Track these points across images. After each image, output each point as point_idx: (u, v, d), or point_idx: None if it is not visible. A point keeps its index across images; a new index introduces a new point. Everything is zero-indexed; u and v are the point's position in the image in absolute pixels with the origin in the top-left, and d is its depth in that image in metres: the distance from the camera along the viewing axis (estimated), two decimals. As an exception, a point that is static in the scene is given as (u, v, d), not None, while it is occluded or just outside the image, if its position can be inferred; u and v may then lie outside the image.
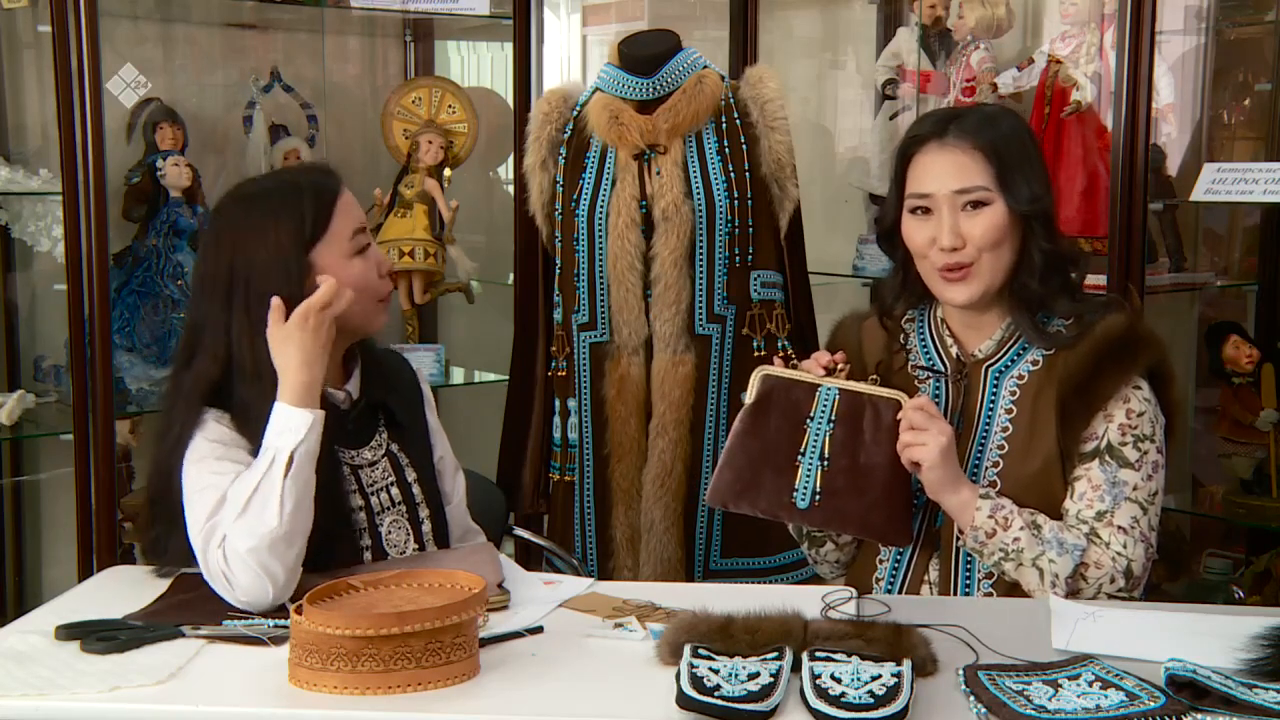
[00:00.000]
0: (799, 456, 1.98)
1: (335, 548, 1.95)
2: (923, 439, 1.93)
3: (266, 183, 2.15)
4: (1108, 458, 1.98)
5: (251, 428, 1.97)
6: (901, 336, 2.15)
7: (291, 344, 1.93)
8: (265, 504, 1.86)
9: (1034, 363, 2.04)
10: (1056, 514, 1.99)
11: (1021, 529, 1.94)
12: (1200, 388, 3.28)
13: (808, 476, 1.98)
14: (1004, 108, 2.74)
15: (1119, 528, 1.95)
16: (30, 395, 3.03)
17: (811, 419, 1.99)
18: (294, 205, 2.02)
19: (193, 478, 1.95)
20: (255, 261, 1.99)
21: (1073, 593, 1.95)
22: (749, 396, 2.01)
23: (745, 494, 2.00)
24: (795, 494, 1.98)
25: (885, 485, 1.97)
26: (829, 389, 1.99)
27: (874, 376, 2.05)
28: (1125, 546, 1.95)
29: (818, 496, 1.97)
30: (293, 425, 1.90)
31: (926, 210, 2.02)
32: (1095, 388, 1.98)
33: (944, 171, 2.00)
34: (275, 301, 1.95)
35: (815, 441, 1.98)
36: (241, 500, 1.87)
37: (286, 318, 1.94)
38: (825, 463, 1.98)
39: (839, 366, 2.01)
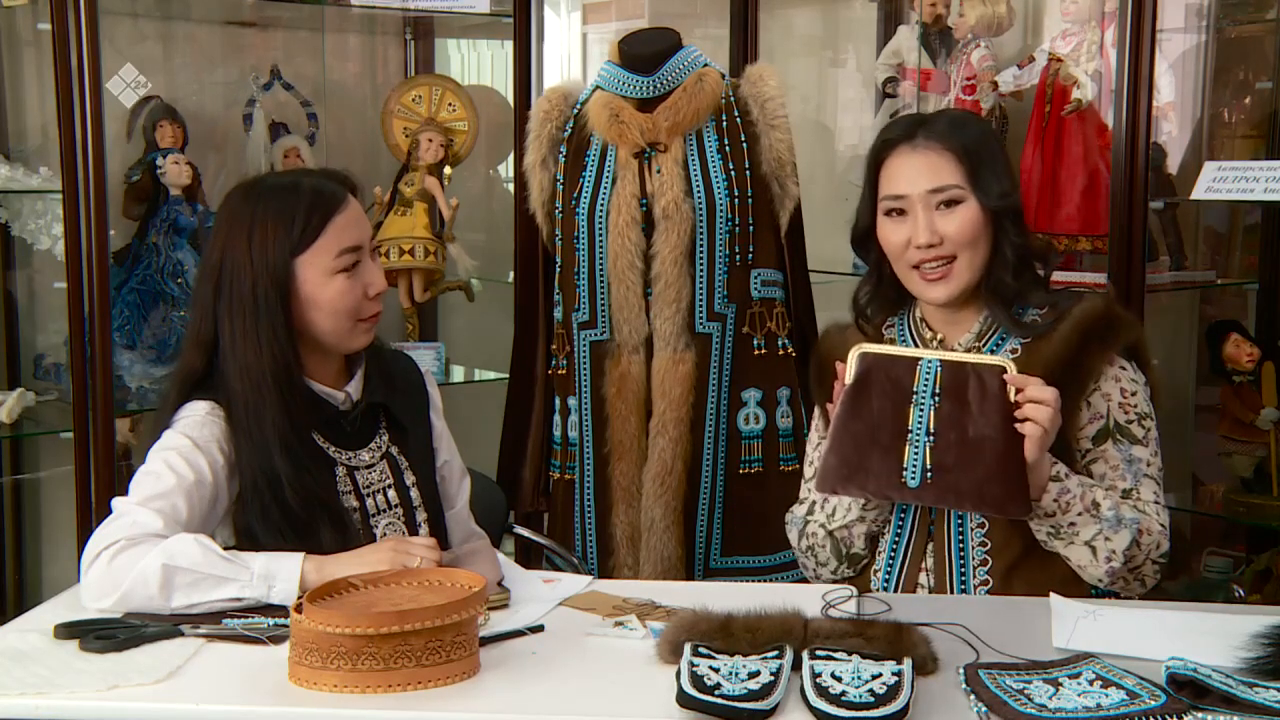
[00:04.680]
0: (906, 434, 1.93)
1: (328, 550, 1.93)
2: (1044, 414, 1.87)
3: (276, 181, 2.14)
4: (1119, 436, 2.02)
5: (238, 419, 1.98)
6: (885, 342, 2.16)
7: (370, 561, 1.87)
8: (192, 586, 1.83)
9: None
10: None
11: (1080, 514, 1.94)
12: (1201, 386, 3.28)
13: (916, 454, 1.92)
14: (968, 112, 2.80)
15: (1147, 502, 2.00)
16: (30, 393, 3.03)
17: (915, 394, 1.93)
18: (289, 210, 2.01)
19: (150, 458, 1.97)
20: (240, 259, 2.00)
21: (1127, 560, 1.96)
22: (848, 377, 1.95)
23: (853, 478, 1.96)
24: (905, 473, 1.92)
25: (999, 456, 1.90)
26: (931, 361, 1.93)
27: (974, 345, 2.05)
28: (1159, 515, 2.00)
29: (929, 474, 1.91)
30: (288, 580, 1.85)
31: (901, 211, 2.05)
32: (1083, 362, 2.02)
33: (917, 172, 2.04)
34: (433, 542, 1.92)
35: (921, 417, 1.92)
36: (189, 559, 1.84)
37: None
38: (933, 438, 1.92)
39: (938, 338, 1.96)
